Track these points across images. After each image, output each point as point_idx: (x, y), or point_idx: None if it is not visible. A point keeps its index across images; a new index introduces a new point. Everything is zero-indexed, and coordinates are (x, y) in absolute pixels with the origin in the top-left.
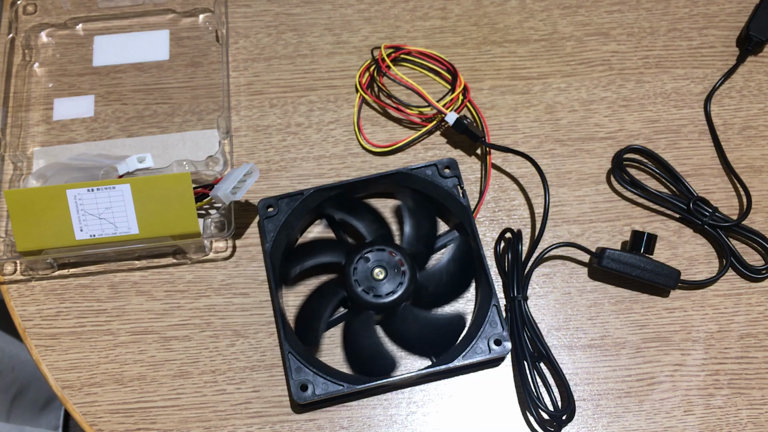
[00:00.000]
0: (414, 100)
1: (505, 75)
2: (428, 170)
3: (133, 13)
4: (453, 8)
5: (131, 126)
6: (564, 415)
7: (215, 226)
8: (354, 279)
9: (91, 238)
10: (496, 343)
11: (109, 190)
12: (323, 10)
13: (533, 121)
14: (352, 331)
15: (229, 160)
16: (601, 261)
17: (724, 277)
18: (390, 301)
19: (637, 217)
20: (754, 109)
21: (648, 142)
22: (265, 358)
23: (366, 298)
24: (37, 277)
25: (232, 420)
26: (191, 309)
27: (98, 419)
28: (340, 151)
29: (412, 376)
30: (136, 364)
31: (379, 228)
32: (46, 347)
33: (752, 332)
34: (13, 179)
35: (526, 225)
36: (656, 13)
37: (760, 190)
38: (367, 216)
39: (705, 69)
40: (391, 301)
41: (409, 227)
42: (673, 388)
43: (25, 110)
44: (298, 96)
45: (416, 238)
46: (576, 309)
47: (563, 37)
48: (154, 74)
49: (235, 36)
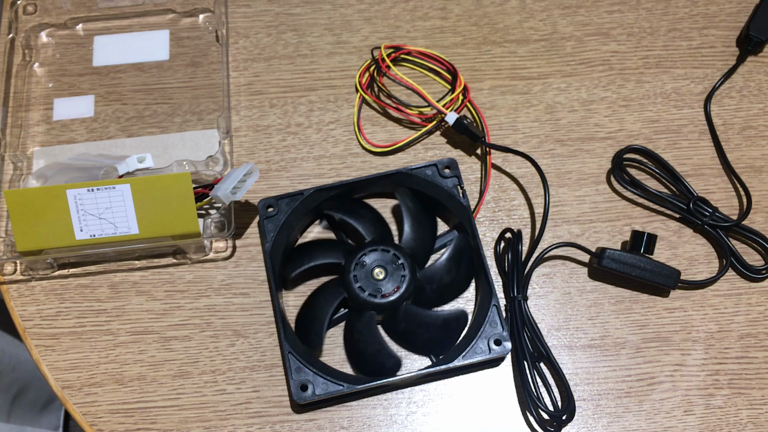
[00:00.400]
0: (414, 100)
1: (505, 75)
2: (428, 170)
3: (133, 13)
4: (453, 8)
5: (131, 126)
6: (564, 415)
7: (215, 226)
8: (354, 279)
9: (91, 238)
10: (496, 343)
11: (109, 190)
12: (323, 10)
13: (533, 121)
14: (354, 333)
15: (229, 160)
16: (601, 261)
17: (724, 277)
18: (391, 301)
19: (637, 217)
20: (754, 109)
21: (648, 142)
22: (265, 358)
23: (367, 299)
24: (37, 277)
25: (232, 420)
26: (191, 309)
27: (98, 419)
28: (340, 151)
29: (412, 376)
30: (136, 364)
31: (379, 228)
32: (46, 347)
33: (752, 332)
34: (13, 179)
35: (526, 225)
36: (656, 13)
37: (760, 190)
38: (366, 216)
39: (705, 69)
40: (392, 300)
41: (408, 227)
42: (673, 388)
43: (25, 110)
44: (298, 96)
45: (415, 238)
46: (576, 309)
47: (563, 37)
48: (154, 74)
49: (235, 36)
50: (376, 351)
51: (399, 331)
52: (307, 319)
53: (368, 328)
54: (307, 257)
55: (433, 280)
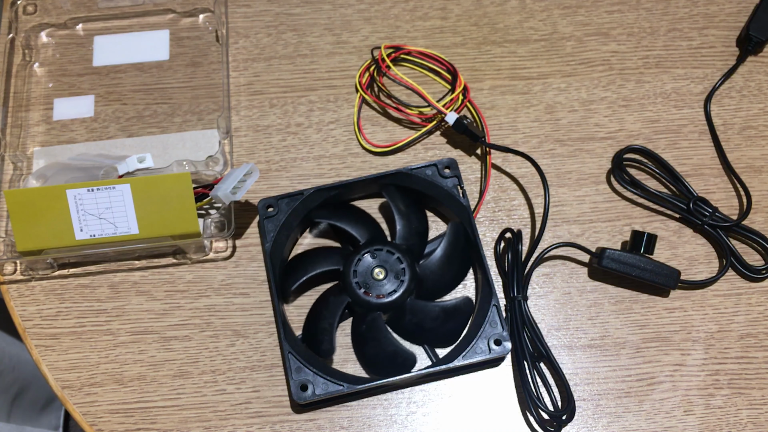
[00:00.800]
0: (414, 100)
1: (505, 75)
2: (428, 170)
3: (133, 13)
4: (453, 8)
5: (131, 126)
6: (564, 415)
7: (215, 226)
8: (355, 283)
9: (91, 238)
10: (496, 343)
11: (109, 190)
12: (323, 10)
13: (533, 121)
14: (364, 336)
15: (229, 160)
16: (601, 261)
17: (724, 277)
18: (395, 299)
19: (637, 217)
20: (754, 109)
21: (648, 142)
22: (265, 358)
23: (372, 300)
24: (37, 277)
25: (232, 420)
26: (191, 309)
27: (98, 419)
28: (340, 151)
29: (412, 376)
30: (136, 364)
31: (370, 228)
32: (46, 347)
33: (752, 332)
34: (13, 179)
35: (526, 225)
36: (656, 13)
37: (760, 190)
38: (357, 218)
39: (705, 69)
40: (396, 298)
41: (399, 223)
42: (673, 388)
43: (25, 110)
44: (298, 96)
45: (409, 233)
46: (576, 309)
47: (563, 37)
48: (154, 74)
49: (235, 36)
50: (390, 351)
51: (407, 327)
52: (318, 330)
53: (378, 330)
54: (303, 269)
55: (432, 272)
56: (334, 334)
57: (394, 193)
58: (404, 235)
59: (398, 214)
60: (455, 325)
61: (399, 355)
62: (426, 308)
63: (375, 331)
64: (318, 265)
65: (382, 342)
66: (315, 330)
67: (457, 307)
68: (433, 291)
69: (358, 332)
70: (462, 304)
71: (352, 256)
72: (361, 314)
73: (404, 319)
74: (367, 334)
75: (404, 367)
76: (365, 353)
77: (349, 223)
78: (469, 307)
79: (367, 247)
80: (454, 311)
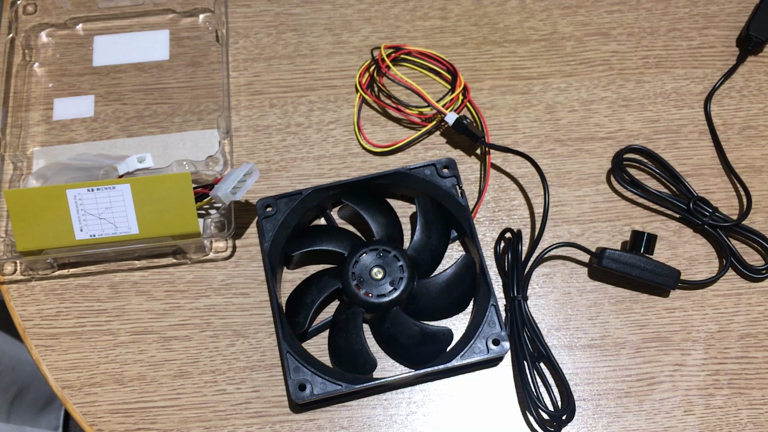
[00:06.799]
0: (414, 100)
1: (505, 75)
2: (427, 170)
3: (133, 13)
4: (453, 8)
5: (131, 126)
6: (564, 415)
7: (215, 226)
8: (351, 272)
9: (91, 238)
10: (494, 342)
11: (109, 190)
12: (323, 10)
13: (533, 121)
14: (339, 326)
15: (229, 160)
16: (601, 261)
17: (724, 277)
18: (381, 303)
19: (637, 217)
20: (754, 109)
21: (648, 142)
22: (265, 358)
23: (358, 294)
24: (37, 277)
25: (232, 420)
26: (191, 309)
27: (98, 419)
28: (340, 151)
29: (412, 376)
30: (136, 364)
31: (390, 228)
32: (46, 347)
33: (752, 332)
34: (13, 179)
35: (526, 225)
36: (656, 13)
37: (760, 190)
38: (382, 214)
39: (705, 69)
40: (383, 302)
41: (418, 234)
42: (673, 388)
43: (25, 110)
44: (298, 96)
45: (423, 247)
46: (576, 309)
47: (563, 37)
48: (154, 74)
49: (235, 36)
50: (357, 350)
51: (382, 334)
52: (298, 301)
53: (353, 325)
54: (312, 239)
55: (429, 293)
56: (311, 311)
57: (426, 204)
58: (417, 247)
59: (421, 226)
60: (428, 350)
61: (362, 356)
62: (406, 323)
63: (350, 325)
64: (327, 243)
65: (351, 337)
66: (297, 301)
67: (435, 334)
68: (422, 312)
69: (336, 320)
70: (441, 333)
71: (360, 248)
72: (346, 304)
73: (383, 325)
74: (342, 324)
75: (364, 370)
76: (334, 342)
77: (372, 215)
78: (447, 338)
79: (378, 245)
80: (432, 337)
